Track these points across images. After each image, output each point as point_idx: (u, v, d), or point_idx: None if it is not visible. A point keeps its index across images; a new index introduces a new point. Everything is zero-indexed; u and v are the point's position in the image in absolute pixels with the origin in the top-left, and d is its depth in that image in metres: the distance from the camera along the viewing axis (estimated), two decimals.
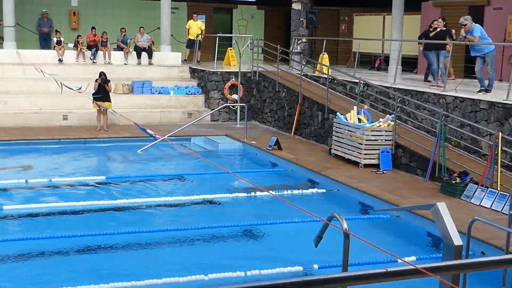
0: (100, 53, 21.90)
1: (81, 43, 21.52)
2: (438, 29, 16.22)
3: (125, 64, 22.11)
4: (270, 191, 10.42)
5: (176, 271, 7.85)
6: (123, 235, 9.31)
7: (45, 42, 23.42)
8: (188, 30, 23.24)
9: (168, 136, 14.81)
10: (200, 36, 22.95)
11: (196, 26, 23.13)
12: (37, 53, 21.63)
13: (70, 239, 9.09)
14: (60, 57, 21.42)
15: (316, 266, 8.13)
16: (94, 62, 21.69)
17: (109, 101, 17.71)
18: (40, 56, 21.24)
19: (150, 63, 22.34)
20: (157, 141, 15.19)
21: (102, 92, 17.48)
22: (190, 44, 23.22)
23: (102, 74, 17.64)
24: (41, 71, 17.17)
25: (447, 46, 15.88)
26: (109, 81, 17.81)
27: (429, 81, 16.59)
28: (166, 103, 20.58)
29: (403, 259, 7.02)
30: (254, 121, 20.42)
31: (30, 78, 20.09)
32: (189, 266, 8.21)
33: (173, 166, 15.00)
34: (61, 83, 16.50)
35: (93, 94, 17.42)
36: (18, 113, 18.63)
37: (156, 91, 20.78)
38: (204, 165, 14.00)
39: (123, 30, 22.59)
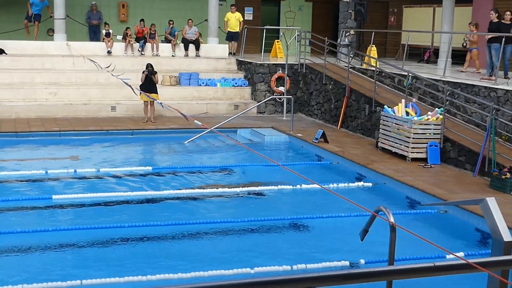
0: (148, 45, 22.12)
1: (129, 35, 21.78)
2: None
3: (172, 56, 22.29)
4: (318, 184, 10.32)
5: (222, 264, 7.89)
6: (169, 227, 9.35)
7: (94, 34, 23.78)
8: (227, 23, 23.19)
9: (215, 128, 14.82)
10: (239, 28, 22.91)
11: (235, 18, 23.03)
12: (87, 45, 21.97)
13: (117, 229, 9.21)
14: (109, 49, 21.72)
15: (362, 261, 8.06)
16: (142, 54, 21.93)
17: (156, 92, 17.84)
18: (89, 48, 21.58)
19: (197, 55, 22.47)
20: (204, 132, 15.27)
21: (149, 84, 17.63)
22: (230, 36, 23.23)
23: (149, 66, 17.79)
24: (94, 62, 17.40)
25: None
26: (155, 72, 17.94)
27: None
28: (213, 95, 20.67)
29: (453, 253, 6.87)
30: (300, 113, 20.36)
31: (80, 70, 20.46)
32: (234, 258, 8.24)
33: (220, 158, 15.05)
34: (119, 77, 16.65)
35: (140, 86, 17.59)
36: (68, 104, 18.97)
37: (203, 83, 20.89)
38: (250, 157, 14.02)
39: (171, 22, 22.76)
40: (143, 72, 17.74)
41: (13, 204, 10.51)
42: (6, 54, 20.69)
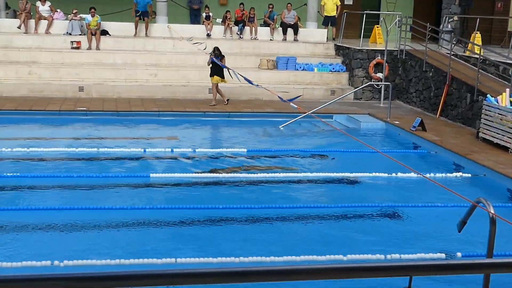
0: (246, 28, 22.25)
1: (229, 18, 21.97)
2: None
3: (270, 40, 22.33)
4: (417, 172, 10.10)
5: (314, 249, 7.86)
6: (261, 210, 9.41)
7: (194, 18, 24.10)
8: (323, 7, 22.93)
9: (311, 113, 14.76)
10: (336, 12, 22.67)
11: (332, 2, 22.69)
12: (187, 28, 22.28)
13: (212, 210, 9.33)
14: (208, 31, 22.01)
15: (459, 254, 7.83)
16: (240, 37, 22.09)
17: (220, 76, 17.75)
18: (189, 31, 21.83)
19: (295, 40, 22.41)
20: (300, 116, 15.23)
21: (214, 67, 17.66)
22: (326, 21, 22.98)
23: (215, 50, 17.80)
24: (197, 43, 17.63)
25: None
26: (223, 56, 17.88)
27: None
28: (310, 79, 20.59)
29: None
30: (398, 100, 19.98)
31: (180, 52, 20.84)
32: (327, 244, 8.19)
33: (315, 143, 15.02)
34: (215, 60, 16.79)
35: (211, 68, 17.72)
36: (167, 85, 19.35)
37: (300, 67, 20.84)
38: (345, 143, 13.91)
39: (270, 6, 22.75)
40: (210, 55, 17.75)
41: (113, 181, 10.88)
42: (110, 35, 21.32)
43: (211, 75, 17.67)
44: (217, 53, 17.69)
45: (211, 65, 17.71)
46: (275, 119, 16.37)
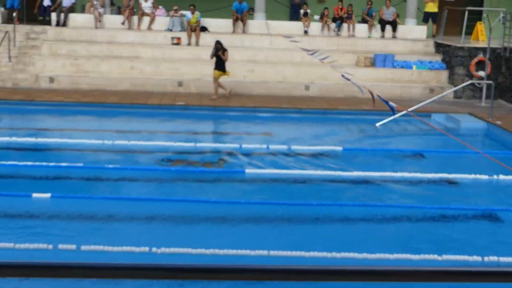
0: (344, 25, 22.08)
1: (326, 15, 21.87)
2: None
3: (368, 37, 22.06)
4: None
5: (408, 249, 7.73)
6: (355, 208, 9.34)
7: (294, 13, 24.07)
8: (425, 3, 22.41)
9: (409, 111, 14.45)
10: (437, 9, 22.08)
11: None
12: (284, 24, 22.32)
13: (305, 207, 9.35)
14: (306, 28, 21.98)
15: None
16: (338, 34, 21.95)
17: (223, 70, 17.66)
18: (286, 27, 21.86)
19: (393, 37, 22.04)
20: (398, 114, 14.94)
21: (218, 61, 17.60)
22: (426, 17, 22.44)
23: (217, 43, 17.68)
24: (295, 41, 17.63)
25: None
26: (225, 50, 17.68)
27: None
28: (408, 77, 20.17)
29: None
30: (501, 100, 19.20)
31: (276, 48, 20.90)
32: (423, 245, 8.06)
33: (412, 142, 14.69)
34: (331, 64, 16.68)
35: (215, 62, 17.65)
36: (264, 81, 19.46)
37: (398, 65, 20.46)
38: (444, 143, 13.55)
39: (369, 2, 22.40)
40: (214, 48, 17.61)
41: (209, 176, 11.10)
42: (209, 31, 21.64)
43: (216, 69, 17.65)
44: (218, 47, 17.52)
45: (214, 58, 17.68)
46: (372, 117, 16.08)
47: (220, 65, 17.73)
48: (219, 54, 17.61)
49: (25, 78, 19.23)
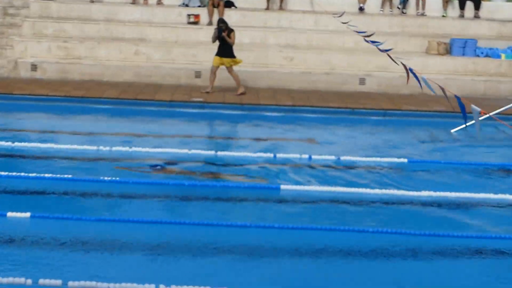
0: (411, 1, 21.97)
1: None
2: None
3: (443, 16, 21.91)
4: None
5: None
6: (424, 238, 9.27)
7: None
8: None
9: (495, 114, 14.21)
10: None
11: None
12: (333, 0, 22.17)
13: (359, 234, 9.30)
14: (361, 4, 21.88)
15: None
16: (403, 13, 21.81)
17: (229, 56, 17.72)
18: (336, 3, 21.74)
19: (476, 16, 21.82)
20: (479, 118, 14.66)
21: (221, 45, 17.66)
22: None
23: (220, 22, 17.81)
24: (347, 24, 17.55)
25: None
26: (232, 30, 17.78)
27: None
28: (494, 69, 19.96)
29: None
30: None
31: (323, 30, 20.97)
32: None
33: (498, 154, 14.51)
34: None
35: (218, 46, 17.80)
36: (306, 72, 19.47)
37: (481, 53, 20.25)
38: None
39: None
40: (215, 29, 17.76)
41: (233, 193, 11.03)
42: (235, 7, 21.71)
43: (219, 55, 17.70)
44: (222, 26, 17.66)
45: (217, 41, 17.75)
46: (446, 120, 16.00)
47: (225, 50, 17.75)
48: (224, 36, 17.64)
49: (0, 65, 19.41)
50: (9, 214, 9.32)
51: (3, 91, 17.53)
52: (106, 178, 11.26)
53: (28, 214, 9.33)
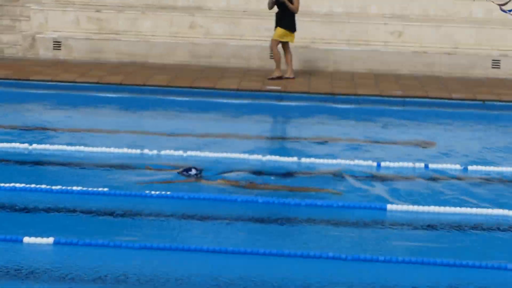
0: None
1: None
2: None
3: None
4: None
5: None
6: None
7: None
8: None
9: None
10: None
11: None
12: None
13: (505, 273, 9.12)
14: None
15: None
16: None
17: (287, 27, 17.97)
18: None
19: None
20: None
21: (278, 13, 17.93)
22: None
23: None
24: None
25: None
26: None
27: None
28: None
29: None
30: None
31: None
32: None
33: None
34: None
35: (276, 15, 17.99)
36: (420, 52, 19.59)
37: None
38: None
39: None
40: None
41: (323, 213, 10.96)
42: None
43: (277, 25, 17.98)
44: None
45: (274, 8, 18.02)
46: None
47: (287, 21, 18.10)
48: (284, 1, 17.87)
49: (12, 42, 19.85)
50: (26, 239, 9.21)
51: (16, 76, 17.86)
52: (154, 193, 11.24)
53: (51, 240, 9.24)
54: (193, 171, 12.19)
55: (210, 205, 11.02)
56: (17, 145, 13.31)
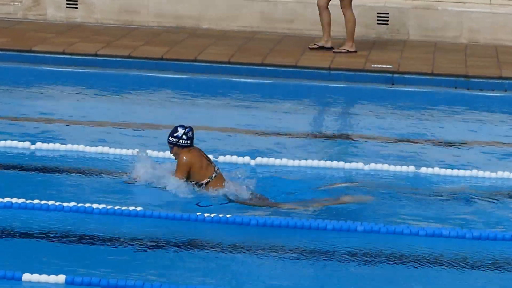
0: None
1: None
2: None
3: None
4: None
5: None
6: None
7: None
8: None
9: None
10: None
11: None
12: None
13: None
14: None
15: None
16: None
17: None
18: None
19: None
20: None
21: None
22: None
23: None
24: None
25: None
26: None
27: None
28: None
29: None
30: None
31: None
32: None
33: None
34: None
35: None
36: None
37: None
38: None
39: None
40: None
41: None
42: None
43: None
44: None
45: None
46: None
47: None
48: None
49: None
50: (26, 276, 9.15)
51: (14, 46, 17.91)
52: (224, 217, 11.23)
53: (62, 278, 9.10)
54: (180, 131, 12.55)
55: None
56: (14, 143, 13.35)
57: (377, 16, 19.69)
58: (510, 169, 13.56)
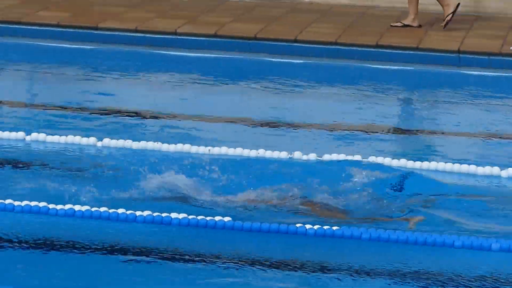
0: None
1: None
2: None
3: None
4: None
5: None
6: None
7: None
8: None
9: None
10: None
11: None
12: None
13: None
14: None
15: None
16: None
17: None
18: None
19: None
20: None
21: None
22: None
23: None
24: None
25: None
26: None
27: None
28: None
29: None
30: None
31: None
32: None
33: None
34: None
35: None
36: None
37: None
38: None
39: None
40: None
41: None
42: None
43: None
44: None
45: None
46: None
47: None
48: None
49: None
50: None
51: (79, 22, 17.64)
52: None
53: None
54: None
55: None
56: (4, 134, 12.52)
57: None
58: None
